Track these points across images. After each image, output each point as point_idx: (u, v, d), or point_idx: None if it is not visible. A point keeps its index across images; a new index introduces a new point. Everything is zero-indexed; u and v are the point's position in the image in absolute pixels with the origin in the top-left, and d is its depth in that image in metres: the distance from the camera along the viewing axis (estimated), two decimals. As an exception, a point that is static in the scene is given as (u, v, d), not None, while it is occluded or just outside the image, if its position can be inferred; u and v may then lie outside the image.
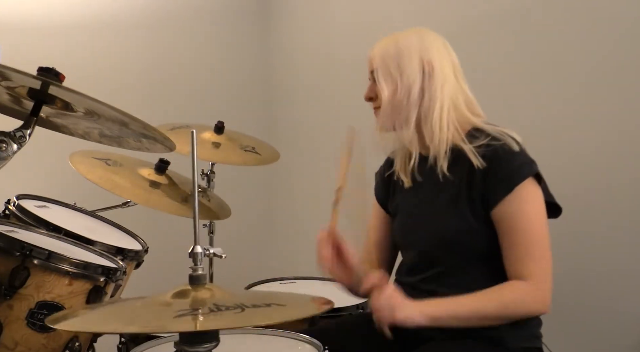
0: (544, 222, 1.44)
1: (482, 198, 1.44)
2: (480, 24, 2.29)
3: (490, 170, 1.43)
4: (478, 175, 1.44)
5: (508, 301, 1.41)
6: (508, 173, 1.42)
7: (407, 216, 1.62)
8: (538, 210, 1.44)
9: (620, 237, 1.87)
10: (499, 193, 1.42)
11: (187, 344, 1.03)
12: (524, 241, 1.41)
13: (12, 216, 1.86)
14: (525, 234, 1.41)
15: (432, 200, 1.54)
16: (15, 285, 1.50)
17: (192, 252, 1.14)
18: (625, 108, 1.87)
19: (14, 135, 1.29)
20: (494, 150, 1.44)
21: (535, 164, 1.45)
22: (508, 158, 1.43)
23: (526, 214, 1.42)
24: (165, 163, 2.16)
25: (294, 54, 3.53)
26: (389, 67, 1.52)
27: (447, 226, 1.49)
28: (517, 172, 1.42)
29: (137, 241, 2.10)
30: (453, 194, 1.49)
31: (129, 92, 3.20)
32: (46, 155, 2.62)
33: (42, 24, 3.06)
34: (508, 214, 1.42)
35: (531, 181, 1.43)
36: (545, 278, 1.41)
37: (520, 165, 1.43)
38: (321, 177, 3.18)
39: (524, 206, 1.42)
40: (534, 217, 1.43)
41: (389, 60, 1.52)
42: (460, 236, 1.47)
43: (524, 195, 1.42)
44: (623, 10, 1.88)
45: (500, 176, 1.42)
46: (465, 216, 1.46)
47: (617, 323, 1.87)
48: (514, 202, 1.42)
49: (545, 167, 1.49)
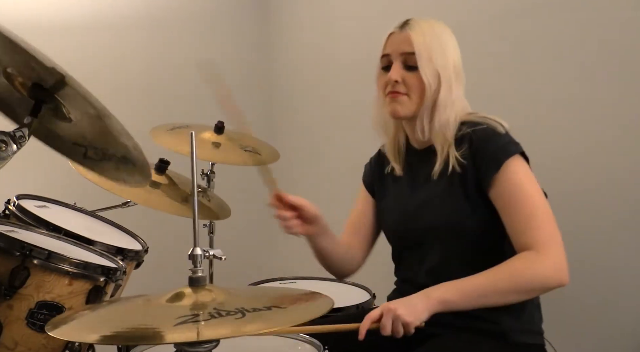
0: (538, 191, 1.44)
1: (476, 181, 1.46)
2: (480, 25, 2.29)
3: (478, 152, 1.45)
4: (469, 159, 1.47)
5: (518, 269, 1.37)
6: (494, 152, 1.44)
7: (400, 208, 1.62)
8: (530, 180, 1.45)
9: (621, 237, 1.87)
10: (489, 172, 1.44)
11: (187, 344, 1.03)
12: (523, 210, 1.41)
13: (12, 216, 1.86)
14: (522, 205, 1.41)
15: (427, 192, 1.54)
16: (15, 285, 1.50)
17: (192, 254, 1.13)
18: (623, 107, 1.87)
19: (14, 135, 1.29)
20: (479, 134, 1.46)
21: (520, 145, 1.47)
22: (493, 139, 1.46)
23: (519, 186, 1.43)
24: (165, 163, 2.16)
25: (294, 54, 3.53)
26: (431, 58, 1.50)
27: (441, 214, 1.50)
28: (502, 151, 1.44)
29: (137, 241, 2.10)
30: (446, 183, 1.50)
31: (129, 92, 3.20)
32: (46, 155, 2.61)
33: (43, 24, 3.06)
34: (502, 190, 1.43)
35: (518, 157, 1.45)
36: (552, 243, 1.37)
37: (505, 143, 1.46)
38: (321, 177, 3.18)
39: (515, 179, 1.43)
40: (527, 188, 1.43)
41: (433, 52, 1.50)
42: (457, 224, 1.48)
43: (512, 169, 1.43)
44: (621, 10, 1.88)
45: (488, 156, 1.44)
46: (460, 204, 1.47)
47: (618, 322, 1.88)
48: (505, 177, 1.43)
49: (543, 166, 1.50)
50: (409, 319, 1.33)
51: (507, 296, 1.37)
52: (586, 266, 1.93)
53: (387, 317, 1.34)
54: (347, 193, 1.87)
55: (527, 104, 2.13)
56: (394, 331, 1.34)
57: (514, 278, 1.37)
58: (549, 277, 1.36)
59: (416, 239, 1.58)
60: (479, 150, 1.46)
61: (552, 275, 1.35)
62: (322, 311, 1.07)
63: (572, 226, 1.90)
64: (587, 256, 1.94)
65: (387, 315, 1.34)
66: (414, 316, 1.33)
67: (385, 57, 1.56)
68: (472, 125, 1.49)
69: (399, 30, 1.54)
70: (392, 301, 1.39)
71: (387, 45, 1.56)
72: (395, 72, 1.51)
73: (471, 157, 1.47)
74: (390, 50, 1.54)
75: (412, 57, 1.50)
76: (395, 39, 1.54)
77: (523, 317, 1.45)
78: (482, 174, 1.45)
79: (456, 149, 1.49)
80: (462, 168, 1.48)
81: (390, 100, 1.53)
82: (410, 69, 1.52)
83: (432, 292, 1.37)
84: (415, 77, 1.51)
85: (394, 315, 1.33)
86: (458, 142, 1.50)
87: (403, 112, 1.53)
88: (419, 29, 1.52)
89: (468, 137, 1.48)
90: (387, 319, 1.34)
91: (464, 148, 1.48)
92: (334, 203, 1.83)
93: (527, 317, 1.46)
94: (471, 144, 1.47)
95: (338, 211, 1.88)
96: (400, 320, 1.33)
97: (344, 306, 1.88)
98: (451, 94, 1.51)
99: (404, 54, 1.52)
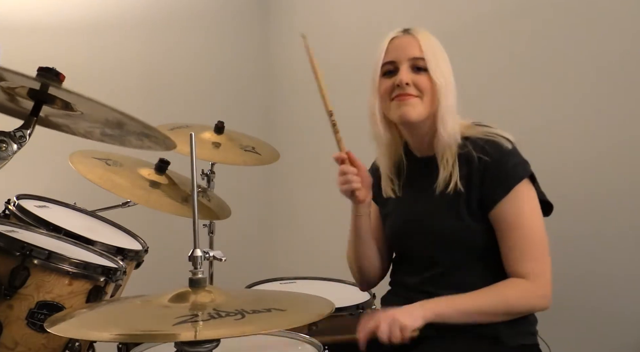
0: (540, 221, 1.47)
1: (480, 199, 1.47)
2: (479, 25, 2.29)
3: (487, 172, 1.45)
4: (476, 177, 1.46)
5: (510, 298, 1.44)
6: (504, 175, 1.45)
7: (402, 218, 1.62)
8: (534, 209, 1.47)
9: (620, 238, 1.87)
10: (497, 194, 1.45)
11: (187, 344, 1.03)
12: (523, 240, 1.44)
13: (12, 216, 1.86)
14: (524, 233, 1.44)
15: (428, 201, 1.54)
16: (15, 285, 1.50)
17: (192, 256, 1.14)
18: (627, 108, 1.87)
19: (14, 135, 1.29)
20: (489, 153, 1.46)
21: (528, 164, 1.48)
22: (503, 159, 1.45)
23: (523, 214, 1.45)
24: (165, 163, 2.16)
25: (294, 54, 3.52)
26: (439, 62, 1.50)
27: (445, 226, 1.50)
28: (512, 174, 1.45)
29: (137, 241, 2.10)
30: (449, 195, 1.49)
31: (129, 92, 3.20)
32: (46, 155, 2.62)
33: (43, 24, 3.06)
34: (506, 215, 1.45)
35: (526, 181, 1.46)
36: (545, 275, 1.44)
37: (514, 165, 1.45)
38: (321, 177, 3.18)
39: (521, 206, 1.45)
40: (531, 217, 1.45)
41: (440, 54, 1.51)
42: (458, 235, 1.48)
43: (520, 196, 1.45)
44: (625, 11, 1.87)
45: (497, 178, 1.45)
46: (462, 216, 1.48)
47: (617, 324, 1.87)
48: (511, 203, 1.44)
49: (544, 169, 1.50)
50: (406, 321, 1.35)
51: (497, 317, 1.44)
52: (585, 269, 1.93)
53: (384, 322, 1.36)
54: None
55: (531, 110, 2.13)
56: (392, 335, 1.35)
57: (508, 306, 1.44)
58: (537, 305, 1.46)
59: (416, 248, 1.58)
60: (487, 170, 1.45)
61: (540, 303, 1.45)
62: (321, 314, 1.07)
63: (572, 227, 1.91)
64: (587, 258, 1.94)
65: (385, 320, 1.36)
66: (411, 319, 1.36)
67: (389, 64, 1.52)
68: (477, 141, 1.48)
69: (402, 35, 1.52)
70: (388, 309, 1.40)
71: (390, 50, 1.52)
72: (405, 74, 1.48)
73: (478, 175, 1.46)
74: (394, 56, 1.51)
75: (421, 61, 1.49)
76: (400, 44, 1.51)
77: (518, 320, 1.46)
78: (488, 195, 1.45)
79: (461, 165, 1.48)
80: (467, 183, 1.47)
81: (400, 104, 1.49)
82: (419, 71, 1.49)
83: (426, 303, 1.42)
84: (426, 78, 1.49)
85: (392, 319, 1.36)
86: (463, 158, 1.48)
87: (416, 114, 1.49)
88: (425, 34, 1.52)
89: (475, 154, 1.46)
90: (385, 324, 1.36)
91: (470, 165, 1.47)
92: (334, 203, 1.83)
93: (521, 319, 1.48)
94: (479, 162, 1.45)
95: (338, 210, 1.88)
96: (398, 323, 1.35)
97: (344, 306, 1.88)
98: (455, 101, 1.50)
99: (412, 59, 1.49)
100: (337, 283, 2.18)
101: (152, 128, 1.34)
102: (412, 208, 1.58)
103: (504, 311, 1.43)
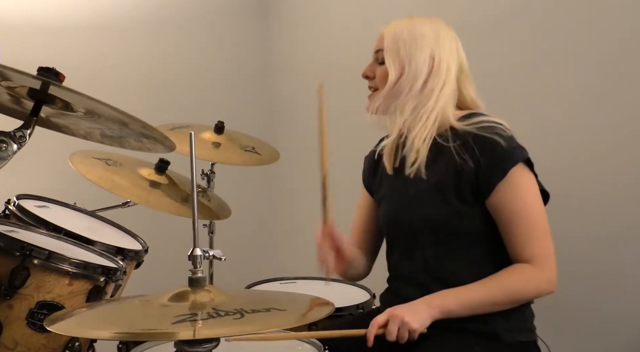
0: (540, 204, 1.45)
1: (473, 187, 1.43)
2: (479, 26, 2.29)
3: (482, 157, 1.42)
4: (468, 164, 1.43)
5: (516, 286, 1.42)
6: (499, 158, 1.41)
7: (394, 201, 1.60)
8: (533, 193, 1.44)
9: (620, 237, 1.87)
10: (493, 179, 1.42)
11: (187, 344, 1.03)
12: (524, 224, 1.41)
13: (12, 216, 1.86)
14: (524, 217, 1.41)
15: (417, 186, 1.52)
16: (15, 285, 1.50)
17: (192, 255, 1.13)
18: (628, 108, 1.87)
19: (14, 135, 1.29)
20: (483, 138, 1.43)
21: (525, 150, 1.45)
22: (498, 144, 1.42)
23: (522, 198, 1.42)
24: (165, 163, 2.16)
25: (294, 54, 3.53)
26: (399, 50, 1.50)
27: (435, 211, 1.48)
28: (508, 157, 1.42)
29: (137, 241, 2.10)
30: (438, 183, 1.48)
31: (129, 92, 3.20)
32: (46, 155, 2.62)
33: (43, 24, 3.06)
34: (504, 200, 1.42)
35: (523, 166, 1.44)
36: (549, 258, 1.42)
37: (511, 149, 1.42)
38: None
39: (520, 190, 1.42)
40: (531, 200, 1.43)
41: (401, 44, 1.50)
42: (449, 220, 1.46)
43: (517, 179, 1.42)
44: (624, 12, 1.87)
45: (493, 162, 1.42)
46: (451, 203, 1.46)
47: (617, 324, 1.87)
48: (509, 187, 1.41)
49: (544, 168, 1.48)
50: (415, 325, 1.34)
51: (503, 306, 1.42)
52: (585, 268, 1.93)
53: (393, 324, 1.35)
54: (347, 193, 1.87)
55: (532, 105, 2.13)
56: (400, 337, 1.35)
57: (514, 294, 1.42)
58: (544, 289, 1.43)
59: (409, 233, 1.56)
60: (483, 152, 1.42)
61: (546, 288, 1.42)
62: (321, 314, 1.08)
63: (572, 229, 1.91)
64: (586, 258, 1.94)
65: (394, 321, 1.35)
66: (420, 322, 1.35)
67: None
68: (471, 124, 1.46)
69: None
70: (397, 306, 1.39)
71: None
72: (367, 68, 1.56)
73: (472, 157, 1.43)
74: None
75: (381, 53, 1.53)
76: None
77: (514, 316, 1.45)
78: (484, 179, 1.42)
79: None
80: (459, 166, 1.44)
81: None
82: (381, 64, 1.53)
83: (433, 300, 1.40)
84: (381, 70, 1.53)
85: (401, 322, 1.35)
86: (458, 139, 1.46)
87: (371, 107, 1.54)
88: (393, 26, 1.53)
89: (469, 137, 1.44)
90: (394, 326, 1.35)
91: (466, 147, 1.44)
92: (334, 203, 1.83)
93: (518, 315, 1.46)
94: (474, 144, 1.43)
95: (338, 210, 1.87)
96: (407, 327, 1.34)
97: (345, 306, 1.88)
98: (424, 87, 1.48)
99: (376, 52, 1.55)
100: (338, 283, 2.18)
101: (152, 128, 1.34)
102: (403, 191, 1.56)
103: (510, 299, 1.41)
